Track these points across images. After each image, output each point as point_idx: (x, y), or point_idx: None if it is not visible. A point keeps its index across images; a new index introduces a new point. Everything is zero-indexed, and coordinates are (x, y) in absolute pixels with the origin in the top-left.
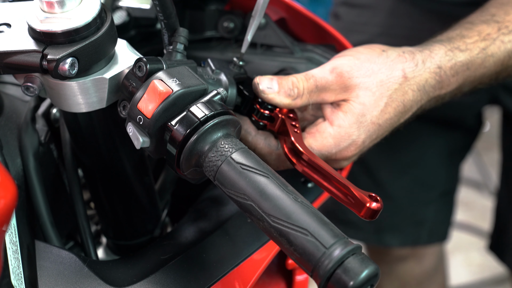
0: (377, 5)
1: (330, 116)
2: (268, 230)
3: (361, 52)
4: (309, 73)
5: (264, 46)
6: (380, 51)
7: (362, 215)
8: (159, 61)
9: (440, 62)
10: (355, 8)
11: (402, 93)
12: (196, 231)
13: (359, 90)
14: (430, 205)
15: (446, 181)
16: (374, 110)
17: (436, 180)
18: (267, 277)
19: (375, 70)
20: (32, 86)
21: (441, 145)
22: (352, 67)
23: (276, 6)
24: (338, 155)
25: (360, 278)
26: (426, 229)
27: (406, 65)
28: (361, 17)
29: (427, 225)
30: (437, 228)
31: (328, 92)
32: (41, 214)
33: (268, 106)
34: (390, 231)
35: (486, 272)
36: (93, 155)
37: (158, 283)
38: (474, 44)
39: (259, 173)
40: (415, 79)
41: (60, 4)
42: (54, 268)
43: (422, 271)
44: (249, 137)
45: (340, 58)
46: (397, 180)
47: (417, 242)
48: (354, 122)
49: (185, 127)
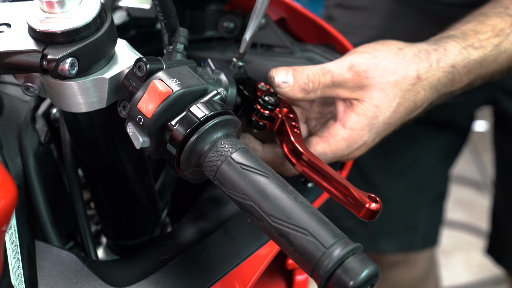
0: (372, 7)
1: (342, 116)
2: (268, 230)
3: (379, 50)
4: (326, 68)
5: (264, 46)
6: (397, 49)
7: (361, 216)
8: (159, 61)
9: (454, 61)
10: (350, 10)
11: (414, 93)
12: (196, 231)
13: (374, 91)
14: (424, 208)
15: (439, 183)
16: (386, 111)
17: (430, 183)
18: (267, 277)
19: (391, 70)
20: (32, 86)
21: (435, 147)
22: (369, 66)
23: (276, 6)
24: (349, 156)
25: (360, 278)
26: (420, 234)
27: (421, 66)
28: (357, 19)
29: (421, 229)
30: (430, 232)
31: (343, 88)
32: (41, 214)
33: (268, 106)
34: (384, 237)
35: (486, 272)
36: (93, 155)
37: (158, 283)
38: (488, 41)
39: (259, 173)
40: (428, 79)
41: (60, 4)
42: (54, 268)
43: (413, 277)
44: (257, 153)
45: (358, 55)
46: (392, 183)
47: (411, 247)
48: (366, 125)
49: (185, 127)
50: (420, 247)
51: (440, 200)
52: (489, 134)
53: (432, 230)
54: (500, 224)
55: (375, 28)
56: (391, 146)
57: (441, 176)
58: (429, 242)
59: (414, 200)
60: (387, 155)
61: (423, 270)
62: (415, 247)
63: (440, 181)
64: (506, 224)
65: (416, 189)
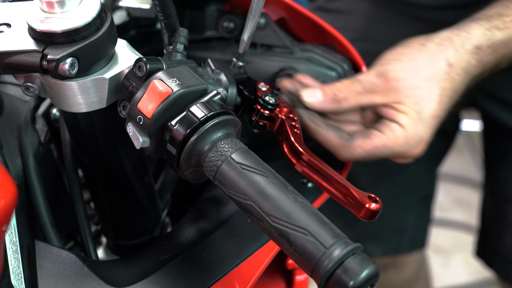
0: (352, 10)
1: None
2: (268, 230)
3: (402, 53)
4: (354, 78)
5: (264, 46)
6: (419, 46)
7: (361, 216)
8: (159, 61)
9: (478, 42)
10: (330, 13)
11: (451, 80)
12: (196, 231)
13: (408, 90)
14: (410, 211)
15: (425, 186)
16: (430, 105)
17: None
18: (267, 277)
19: (420, 67)
20: (32, 86)
21: None
22: (397, 70)
23: (276, 6)
24: (409, 153)
25: (360, 278)
26: (407, 237)
27: (448, 53)
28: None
29: (408, 232)
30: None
31: (376, 93)
32: (41, 214)
33: (268, 106)
34: (372, 240)
35: (486, 272)
36: (93, 155)
37: (158, 283)
38: None
39: (259, 173)
40: (459, 63)
41: (60, 4)
42: (54, 268)
43: (402, 280)
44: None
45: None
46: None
47: (398, 250)
48: (417, 120)
49: (185, 127)
50: (407, 249)
51: (426, 202)
52: None
53: (420, 232)
54: (488, 227)
55: (355, 31)
56: None
57: (427, 178)
58: (417, 245)
59: (400, 203)
60: None
61: (413, 272)
62: (402, 250)
63: (426, 183)
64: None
65: (402, 191)
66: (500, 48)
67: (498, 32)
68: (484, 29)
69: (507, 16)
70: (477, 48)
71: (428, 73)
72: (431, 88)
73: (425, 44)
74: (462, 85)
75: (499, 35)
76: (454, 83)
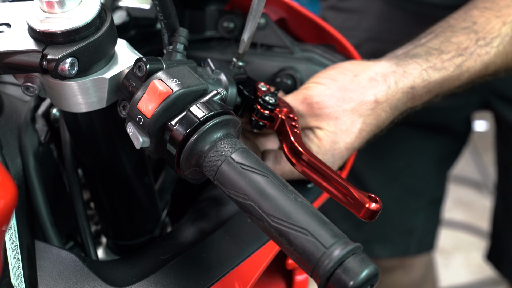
0: (365, 9)
1: (307, 142)
2: (268, 230)
3: (334, 79)
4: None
5: (264, 46)
6: (353, 76)
7: (361, 216)
8: (159, 61)
9: (413, 82)
10: (342, 12)
11: (376, 116)
12: (196, 231)
13: (330, 120)
14: (419, 213)
15: (435, 188)
16: (347, 137)
17: (426, 187)
18: (267, 277)
19: (346, 99)
20: (32, 86)
21: (431, 151)
22: (322, 98)
23: (276, 6)
24: None
25: (360, 278)
26: (415, 239)
27: (378, 89)
28: (349, 21)
29: (416, 234)
30: (425, 237)
31: (300, 118)
32: (41, 214)
33: (268, 106)
34: (379, 242)
35: (486, 272)
36: (93, 155)
37: (158, 283)
38: (450, 61)
39: (259, 173)
40: (388, 101)
41: (60, 4)
42: (54, 268)
43: (409, 281)
44: None
45: (313, 87)
46: (387, 188)
47: (406, 252)
48: (328, 149)
49: (185, 127)
50: (415, 252)
51: (436, 204)
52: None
53: (428, 235)
54: (499, 230)
55: (367, 30)
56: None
57: (437, 181)
58: (425, 247)
59: (409, 205)
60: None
61: (420, 274)
62: (410, 252)
63: (436, 185)
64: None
65: (411, 193)
66: (435, 88)
67: (434, 73)
68: (421, 69)
69: (446, 53)
70: (411, 88)
71: (353, 106)
72: (353, 122)
73: (358, 75)
74: (388, 120)
75: (436, 76)
76: (378, 119)
